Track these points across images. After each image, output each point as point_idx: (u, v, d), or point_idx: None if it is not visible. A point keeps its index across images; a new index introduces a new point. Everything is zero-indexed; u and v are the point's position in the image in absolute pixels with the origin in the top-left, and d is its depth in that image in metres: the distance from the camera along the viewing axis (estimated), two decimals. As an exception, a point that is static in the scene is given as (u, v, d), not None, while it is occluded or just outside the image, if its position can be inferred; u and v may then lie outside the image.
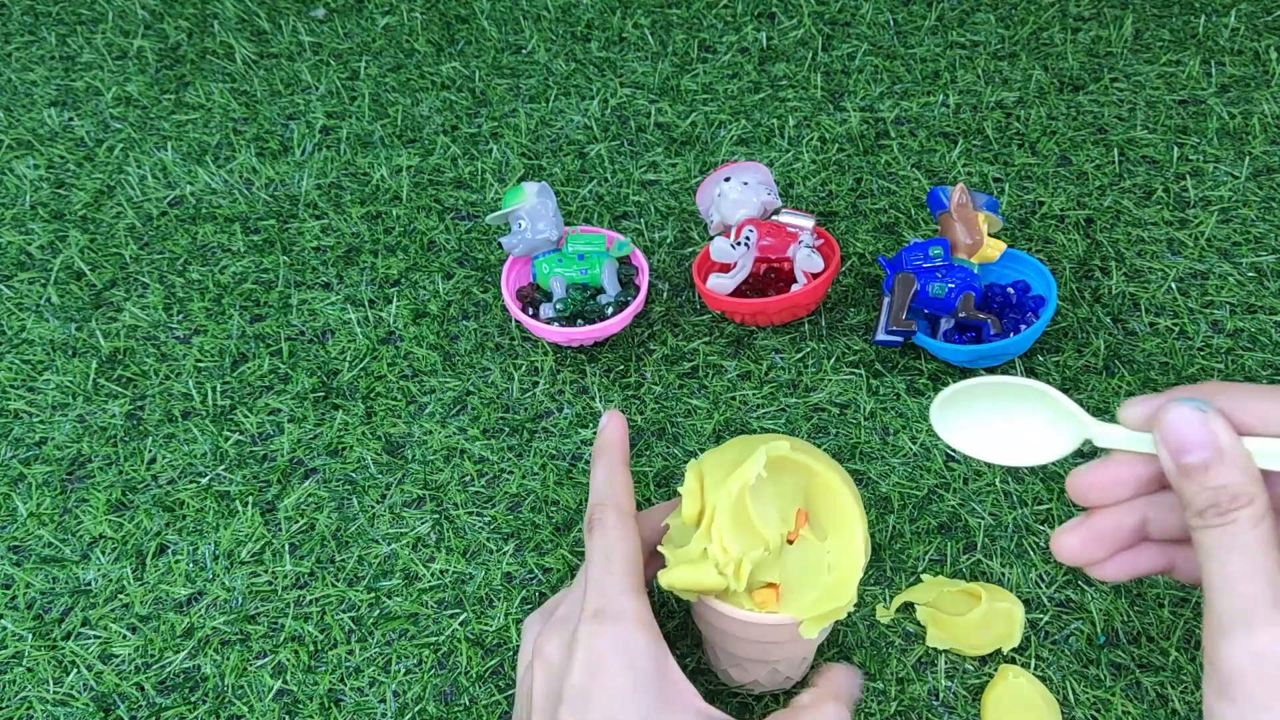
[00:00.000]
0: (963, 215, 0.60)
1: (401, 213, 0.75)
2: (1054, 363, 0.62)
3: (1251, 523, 0.29)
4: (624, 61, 0.87)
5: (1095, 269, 0.67)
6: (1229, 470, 0.29)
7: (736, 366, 0.64)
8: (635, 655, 0.38)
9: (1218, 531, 0.29)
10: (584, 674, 0.38)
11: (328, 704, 0.51)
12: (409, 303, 0.69)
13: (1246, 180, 0.72)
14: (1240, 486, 0.29)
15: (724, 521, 0.40)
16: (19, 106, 0.86)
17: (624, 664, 0.38)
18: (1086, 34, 0.85)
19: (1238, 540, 0.29)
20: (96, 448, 0.62)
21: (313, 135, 0.81)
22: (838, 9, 0.90)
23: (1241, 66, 0.81)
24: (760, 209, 0.65)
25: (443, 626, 0.53)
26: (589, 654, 0.38)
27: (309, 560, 0.56)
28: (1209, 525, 0.29)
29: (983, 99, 0.80)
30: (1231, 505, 0.29)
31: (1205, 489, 0.30)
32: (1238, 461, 0.29)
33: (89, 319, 0.69)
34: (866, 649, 0.51)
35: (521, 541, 0.56)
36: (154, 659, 0.53)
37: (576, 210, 0.74)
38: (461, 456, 0.60)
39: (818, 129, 0.79)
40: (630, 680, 0.37)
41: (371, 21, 0.92)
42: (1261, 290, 0.65)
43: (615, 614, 0.39)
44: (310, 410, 0.63)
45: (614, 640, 0.38)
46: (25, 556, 0.57)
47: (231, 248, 0.73)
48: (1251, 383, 0.30)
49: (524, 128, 0.81)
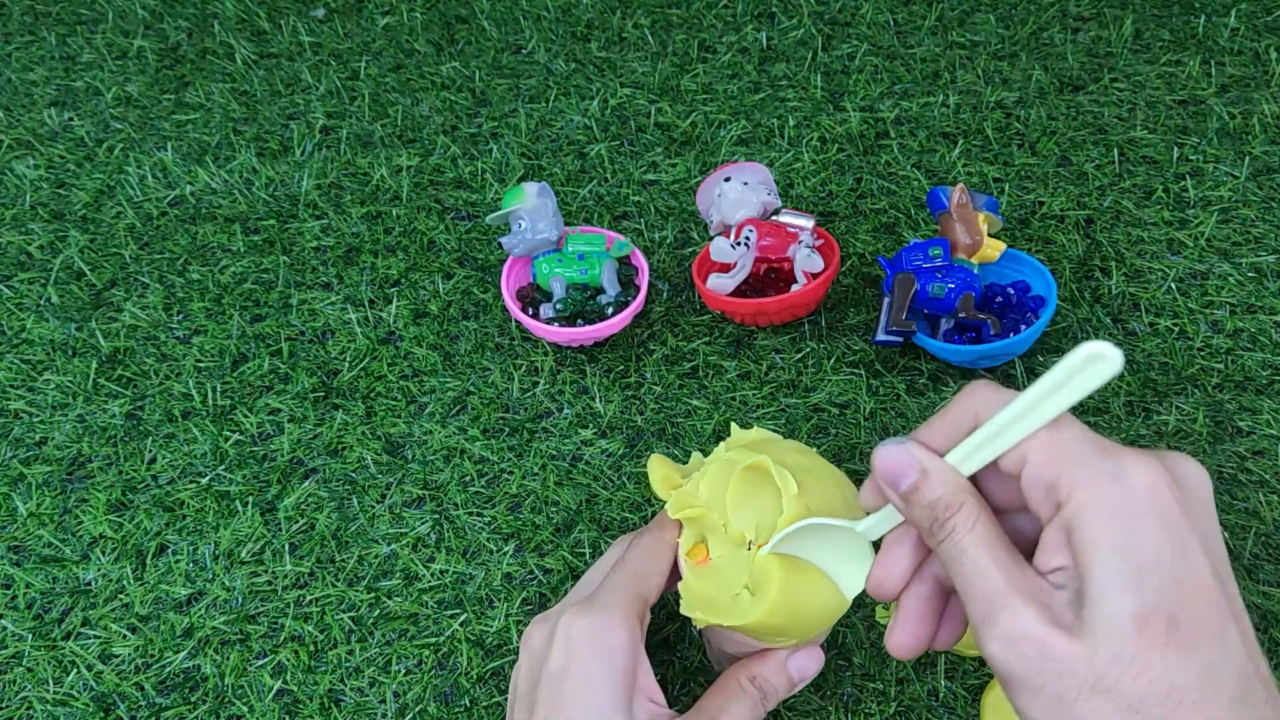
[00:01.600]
0: (963, 215, 0.60)
1: (401, 213, 0.75)
2: (1054, 363, 0.62)
3: (968, 525, 0.31)
4: (624, 61, 0.87)
5: (1095, 269, 0.67)
6: (936, 484, 0.32)
7: (736, 366, 0.64)
8: (612, 646, 0.40)
9: (945, 544, 0.31)
10: (561, 658, 0.40)
11: (328, 704, 0.51)
12: (409, 303, 0.69)
13: (1246, 180, 0.72)
14: (950, 496, 0.32)
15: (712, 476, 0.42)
16: (19, 106, 0.86)
17: (600, 652, 0.39)
18: (1086, 34, 0.85)
19: (960, 544, 0.31)
20: (96, 448, 0.62)
21: (313, 135, 0.81)
22: (838, 9, 0.90)
23: (1241, 66, 0.81)
24: (760, 209, 0.65)
25: (443, 627, 0.53)
26: (567, 640, 0.40)
27: (309, 560, 0.56)
28: (938, 541, 0.32)
29: (983, 99, 0.80)
30: (946, 514, 0.31)
31: (923, 507, 0.32)
32: (940, 474, 0.32)
33: (89, 319, 0.69)
34: (866, 649, 0.51)
35: (521, 542, 0.56)
36: (154, 659, 0.53)
37: (576, 210, 0.74)
38: (461, 456, 0.60)
39: (818, 129, 0.79)
40: (604, 669, 0.39)
41: (371, 21, 0.92)
42: (1261, 290, 0.65)
43: (601, 605, 0.41)
44: (310, 410, 0.63)
45: (592, 628, 0.40)
46: (25, 556, 0.57)
47: (231, 248, 0.73)
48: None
49: (524, 128, 0.81)
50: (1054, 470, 0.29)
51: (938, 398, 0.61)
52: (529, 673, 0.41)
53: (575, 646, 0.40)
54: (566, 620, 0.40)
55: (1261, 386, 0.60)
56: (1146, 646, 0.27)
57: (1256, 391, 0.60)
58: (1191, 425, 0.59)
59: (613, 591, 0.42)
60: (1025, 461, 0.30)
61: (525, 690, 0.41)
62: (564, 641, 0.40)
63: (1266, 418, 0.59)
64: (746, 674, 0.42)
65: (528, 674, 0.41)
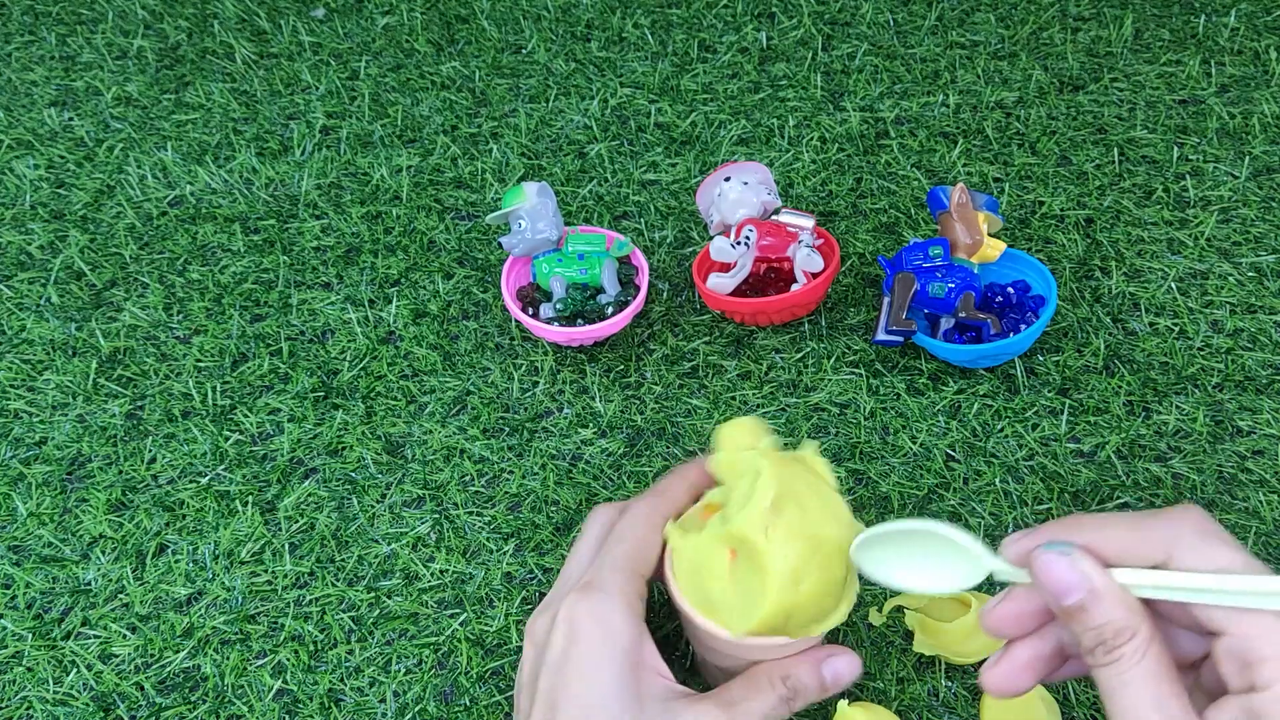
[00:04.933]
0: (963, 215, 0.60)
1: (401, 213, 0.75)
2: (1054, 362, 0.62)
3: (1137, 656, 0.30)
4: (624, 61, 0.87)
5: (1095, 269, 0.67)
6: (1107, 608, 0.30)
7: (736, 366, 0.64)
8: (613, 626, 0.39)
9: (1108, 670, 0.30)
10: (563, 641, 0.39)
11: (328, 704, 0.51)
12: (409, 303, 0.69)
13: (1246, 180, 0.72)
14: (1122, 621, 0.30)
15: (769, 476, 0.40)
16: (19, 106, 0.86)
17: (601, 633, 0.39)
18: (1086, 34, 0.85)
19: (1126, 675, 0.30)
20: (96, 448, 0.62)
21: (313, 135, 0.81)
22: (838, 9, 0.90)
23: (1241, 66, 0.81)
24: (760, 209, 0.65)
25: (443, 626, 0.53)
26: (569, 622, 0.40)
27: (309, 560, 0.56)
28: (1099, 664, 0.30)
29: (983, 99, 0.80)
30: (1116, 641, 0.30)
31: (1089, 629, 0.31)
32: (1114, 597, 0.30)
33: (89, 319, 0.69)
34: (867, 649, 0.51)
35: (521, 541, 0.56)
36: (154, 659, 0.53)
37: (576, 210, 0.74)
38: (461, 456, 0.60)
39: (818, 129, 0.79)
40: (607, 650, 0.39)
41: (371, 21, 0.92)
42: (1261, 290, 0.65)
43: (601, 586, 0.40)
44: (310, 410, 0.63)
45: (593, 609, 0.40)
46: (25, 556, 0.57)
47: (231, 248, 0.73)
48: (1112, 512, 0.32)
49: (524, 128, 0.81)
50: (1256, 651, 0.28)
51: (938, 398, 0.61)
52: (533, 660, 0.41)
53: (577, 630, 0.39)
54: (568, 605, 0.40)
55: (1261, 386, 0.60)
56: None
57: (1256, 391, 0.60)
58: (1191, 425, 0.59)
59: (610, 571, 0.41)
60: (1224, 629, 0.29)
61: (530, 677, 0.41)
62: (565, 626, 0.40)
63: (1266, 418, 0.59)
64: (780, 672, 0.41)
65: (532, 662, 0.41)
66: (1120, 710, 0.29)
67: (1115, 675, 0.30)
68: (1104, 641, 0.30)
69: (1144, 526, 0.31)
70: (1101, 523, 0.32)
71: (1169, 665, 0.30)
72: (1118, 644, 0.30)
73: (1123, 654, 0.30)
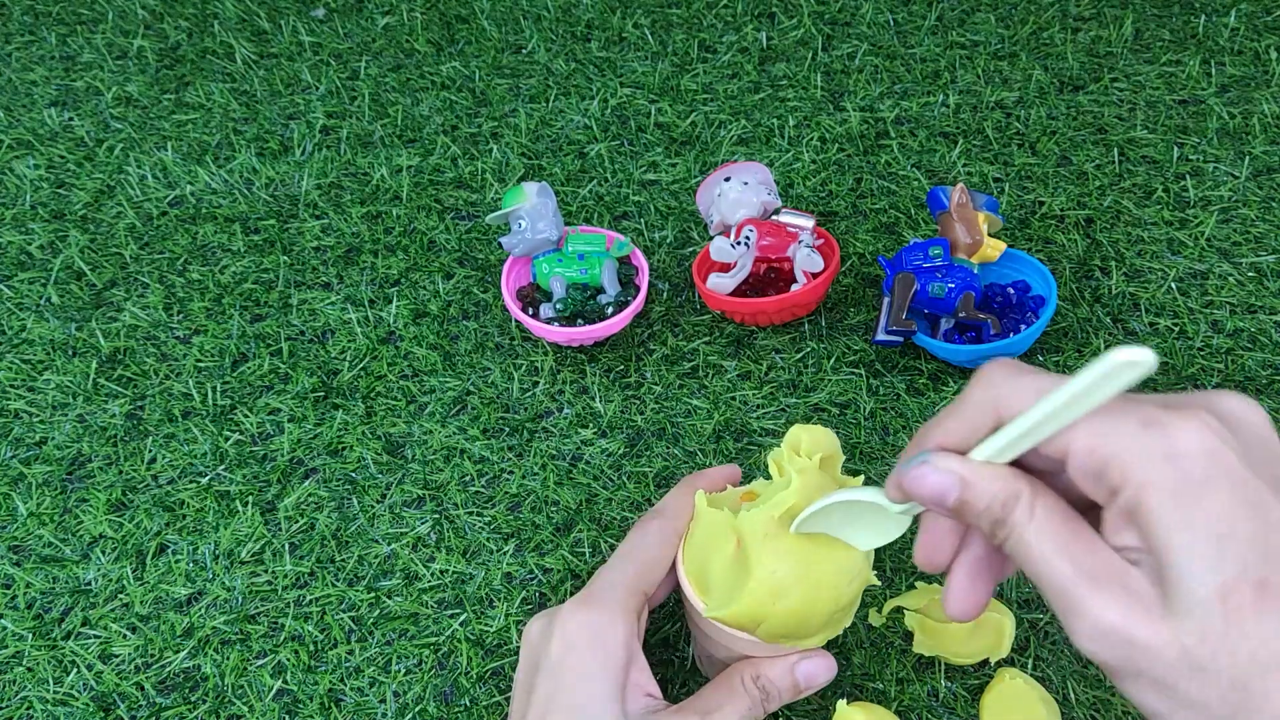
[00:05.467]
0: (963, 215, 0.60)
1: (401, 213, 0.75)
2: (1054, 363, 0.62)
3: (1027, 516, 0.30)
4: (624, 61, 0.87)
5: (1095, 269, 0.67)
6: (983, 487, 0.30)
7: (736, 366, 0.64)
8: (608, 641, 0.40)
9: (1010, 541, 0.30)
10: (558, 651, 0.40)
11: (328, 704, 0.51)
12: (409, 303, 0.69)
13: (1246, 180, 0.72)
14: (1002, 493, 0.30)
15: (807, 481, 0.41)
16: (19, 106, 0.86)
17: (596, 647, 0.40)
18: (1086, 34, 0.85)
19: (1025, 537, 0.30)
20: (96, 448, 0.62)
21: (313, 135, 0.81)
22: (838, 9, 0.90)
23: (1241, 66, 0.81)
24: (760, 209, 0.65)
25: (443, 626, 0.53)
26: (565, 633, 0.41)
27: (309, 560, 0.56)
28: (1001, 540, 0.30)
29: (983, 99, 0.80)
30: (1004, 513, 0.30)
31: (979, 515, 0.31)
32: (984, 476, 0.31)
33: (89, 319, 0.69)
34: (867, 649, 0.51)
35: (521, 541, 0.56)
36: (154, 659, 0.53)
37: (576, 210, 0.74)
38: (461, 456, 0.60)
39: (818, 129, 0.79)
40: (599, 664, 0.40)
41: (371, 21, 0.92)
42: (1261, 290, 0.65)
43: (599, 602, 0.42)
44: (310, 410, 0.63)
45: (589, 624, 0.41)
46: (25, 556, 0.57)
47: (231, 248, 0.73)
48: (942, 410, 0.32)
49: (524, 128, 0.81)
50: (1099, 459, 0.28)
51: (938, 398, 0.61)
52: (527, 660, 0.42)
53: (572, 641, 0.41)
54: (565, 615, 0.41)
55: (1261, 386, 0.60)
56: (1236, 618, 0.26)
57: (1256, 391, 0.60)
58: (1191, 425, 0.59)
59: (611, 588, 0.42)
60: (1067, 452, 0.29)
61: (524, 676, 0.42)
62: (561, 636, 0.41)
63: (1266, 418, 0.59)
64: (751, 672, 0.42)
65: (526, 660, 0.42)
66: (1035, 573, 0.29)
67: (1016, 542, 0.30)
68: (996, 519, 0.30)
69: (967, 400, 0.31)
70: (937, 422, 0.32)
71: (1065, 512, 0.30)
72: (1006, 515, 0.30)
73: (1014, 521, 0.30)
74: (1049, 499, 0.30)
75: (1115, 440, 0.28)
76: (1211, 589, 0.26)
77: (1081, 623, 0.28)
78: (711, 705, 0.42)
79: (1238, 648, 0.26)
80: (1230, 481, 0.27)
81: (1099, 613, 0.28)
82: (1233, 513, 0.26)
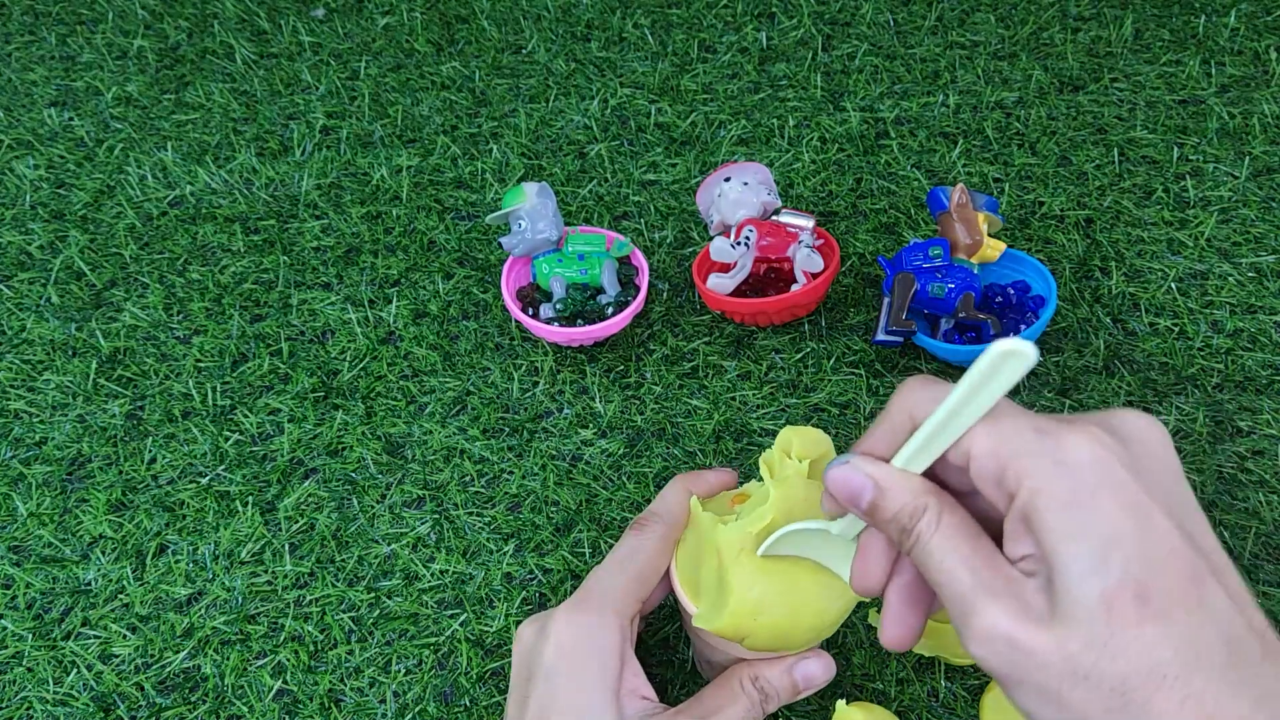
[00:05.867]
0: (963, 215, 0.60)
1: (401, 213, 0.75)
2: (1054, 363, 0.62)
3: (931, 529, 0.30)
4: (624, 61, 0.87)
5: (1095, 269, 0.67)
6: (895, 495, 0.31)
7: (736, 366, 0.64)
8: (600, 647, 0.41)
9: (915, 550, 0.31)
10: (554, 654, 0.41)
11: (328, 704, 0.51)
12: (409, 303, 0.69)
13: (1246, 180, 0.72)
14: (911, 502, 0.31)
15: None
16: (19, 106, 0.86)
17: (589, 652, 0.41)
18: (1086, 34, 0.85)
19: (927, 548, 0.30)
20: (96, 448, 0.62)
21: (313, 135, 0.81)
22: (838, 9, 0.90)
23: (1241, 66, 0.81)
24: (760, 209, 0.65)
25: (443, 626, 0.53)
26: (559, 637, 0.41)
27: (309, 560, 0.56)
28: (908, 549, 0.31)
29: (983, 99, 0.80)
30: (911, 522, 0.31)
31: (889, 521, 0.32)
32: (897, 484, 0.31)
33: (89, 319, 0.69)
34: (866, 649, 0.51)
35: (521, 542, 0.56)
36: (154, 659, 0.53)
37: (576, 210, 0.74)
38: (461, 456, 0.60)
39: (818, 129, 0.79)
40: (592, 669, 0.40)
41: (371, 21, 0.92)
42: (1261, 290, 0.65)
43: (592, 607, 0.42)
44: (310, 410, 0.63)
45: (585, 627, 0.41)
46: (25, 556, 0.57)
47: (231, 248, 0.73)
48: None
49: (524, 128, 0.81)
50: (997, 463, 0.29)
51: (938, 398, 0.61)
52: (521, 663, 0.43)
53: (565, 646, 0.41)
54: (558, 620, 0.41)
55: (1261, 386, 0.60)
56: (1119, 626, 0.26)
57: (1256, 391, 0.60)
58: (1191, 425, 0.59)
59: (604, 593, 0.42)
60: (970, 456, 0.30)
61: (518, 679, 0.42)
62: (555, 641, 0.41)
63: (1266, 418, 0.59)
64: (750, 674, 0.43)
65: (519, 663, 0.43)
66: (935, 582, 0.30)
67: (920, 551, 0.30)
68: (904, 528, 0.31)
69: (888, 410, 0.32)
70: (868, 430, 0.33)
71: (970, 528, 0.30)
72: (913, 525, 0.31)
73: (919, 530, 0.30)
74: (956, 515, 0.31)
75: (1012, 444, 0.29)
76: (1095, 597, 0.27)
77: (973, 630, 0.29)
78: (710, 708, 0.42)
79: (1119, 656, 0.26)
80: (1116, 492, 0.27)
81: (991, 620, 0.28)
82: (1117, 522, 0.27)
